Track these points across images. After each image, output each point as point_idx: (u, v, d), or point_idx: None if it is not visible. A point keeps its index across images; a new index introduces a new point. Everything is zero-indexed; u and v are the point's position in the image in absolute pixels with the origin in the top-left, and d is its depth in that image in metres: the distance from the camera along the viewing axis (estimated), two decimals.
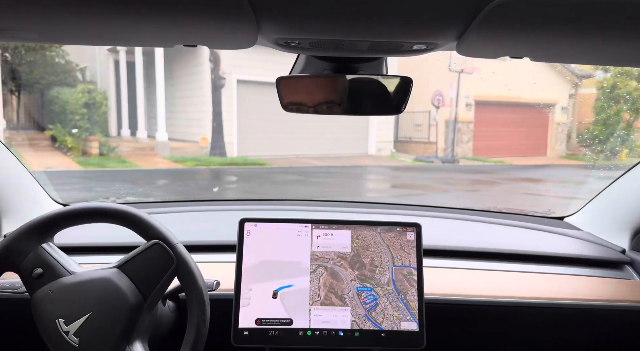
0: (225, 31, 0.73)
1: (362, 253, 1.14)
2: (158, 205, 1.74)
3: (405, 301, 1.11)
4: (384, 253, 1.14)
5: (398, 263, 1.14)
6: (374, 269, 1.13)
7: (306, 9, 0.64)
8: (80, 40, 0.89)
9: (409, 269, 1.13)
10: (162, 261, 0.94)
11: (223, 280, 1.08)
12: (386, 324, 1.10)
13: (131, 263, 0.95)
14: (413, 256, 1.14)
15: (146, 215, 0.97)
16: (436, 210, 1.74)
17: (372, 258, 1.14)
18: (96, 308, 0.91)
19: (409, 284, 1.12)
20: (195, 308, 0.94)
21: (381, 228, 1.15)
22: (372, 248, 1.14)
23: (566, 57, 0.87)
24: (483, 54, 0.85)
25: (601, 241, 1.49)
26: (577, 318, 1.24)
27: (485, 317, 1.24)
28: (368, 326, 1.10)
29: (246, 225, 1.15)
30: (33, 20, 0.70)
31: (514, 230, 1.59)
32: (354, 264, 1.13)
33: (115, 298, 0.92)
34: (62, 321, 0.90)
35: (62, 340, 0.90)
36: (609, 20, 0.64)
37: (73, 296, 0.92)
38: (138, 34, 0.77)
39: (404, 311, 1.11)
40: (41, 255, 0.95)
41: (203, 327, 0.94)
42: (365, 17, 0.67)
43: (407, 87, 0.97)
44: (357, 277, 1.13)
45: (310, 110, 1.01)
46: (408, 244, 1.15)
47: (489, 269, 1.33)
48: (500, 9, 0.60)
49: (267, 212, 1.65)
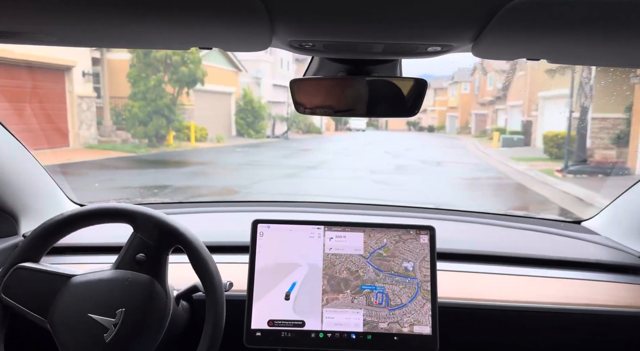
0: (240, 34, 0.73)
1: (388, 256, 1.13)
2: (171, 206, 1.76)
3: (419, 313, 1.11)
4: (410, 260, 1.13)
5: (422, 274, 1.13)
6: (393, 275, 1.12)
7: (321, 11, 0.64)
8: (97, 43, 0.90)
9: (423, 272, 1.12)
10: None
11: (236, 281, 1.08)
12: (399, 327, 1.09)
13: (148, 263, 0.96)
14: (427, 259, 1.13)
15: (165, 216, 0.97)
16: (450, 213, 1.72)
17: (397, 262, 1.13)
18: (127, 305, 0.93)
19: (427, 298, 1.11)
20: (213, 308, 0.95)
21: (394, 231, 1.15)
22: (398, 252, 1.14)
23: (585, 59, 0.86)
24: (499, 56, 0.84)
25: (619, 245, 1.46)
26: (593, 324, 1.22)
27: (499, 322, 1.22)
28: (380, 329, 1.09)
29: (259, 226, 1.15)
30: (52, 23, 0.71)
31: (529, 234, 1.57)
32: (376, 265, 1.13)
33: (146, 295, 0.95)
34: (96, 316, 0.92)
35: (96, 333, 0.91)
36: (628, 21, 0.62)
37: (98, 294, 0.94)
38: (154, 36, 0.78)
39: (417, 314, 1.10)
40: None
41: (220, 327, 0.94)
42: (380, 20, 0.66)
43: (422, 89, 0.96)
44: (377, 277, 1.12)
45: (324, 112, 1.01)
46: (422, 248, 1.14)
47: (503, 273, 1.31)
48: (517, 11, 0.60)
49: (280, 214, 1.66)
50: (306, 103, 0.98)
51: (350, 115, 1.00)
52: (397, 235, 1.14)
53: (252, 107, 17.64)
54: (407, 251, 1.14)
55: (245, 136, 17.54)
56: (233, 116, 17.84)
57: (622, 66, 0.93)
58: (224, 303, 0.96)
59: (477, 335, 1.25)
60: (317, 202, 1.83)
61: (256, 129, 17.83)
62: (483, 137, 22.34)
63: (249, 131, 17.63)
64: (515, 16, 0.61)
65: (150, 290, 0.95)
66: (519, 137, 16.47)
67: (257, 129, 17.98)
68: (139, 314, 0.93)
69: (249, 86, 18.61)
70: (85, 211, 0.98)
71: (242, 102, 18.03)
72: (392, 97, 0.98)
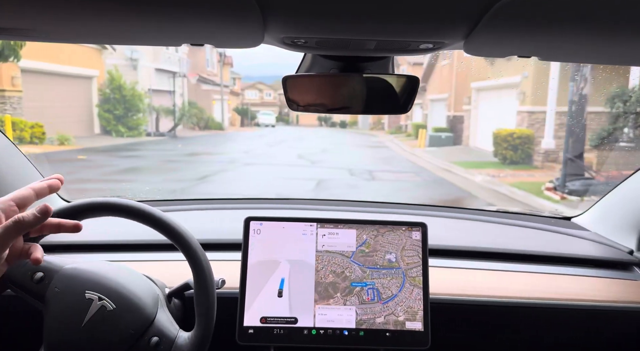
0: (232, 30, 0.73)
1: (370, 251, 1.14)
2: (163, 203, 1.75)
3: (410, 300, 1.11)
4: (392, 252, 1.14)
5: (405, 263, 1.13)
6: (380, 267, 1.13)
7: (313, 8, 0.64)
8: (87, 39, 0.89)
9: (416, 269, 1.13)
10: None
11: (228, 279, 1.08)
12: (389, 322, 1.10)
13: None
14: (419, 255, 1.14)
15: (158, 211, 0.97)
16: (442, 210, 1.73)
17: (380, 256, 1.14)
18: (120, 287, 0.93)
19: (414, 284, 1.12)
20: (204, 305, 0.94)
21: (387, 228, 1.15)
22: (379, 246, 1.14)
23: (576, 57, 0.86)
24: (491, 53, 0.84)
25: (608, 241, 1.48)
26: (583, 319, 1.24)
27: (490, 317, 1.23)
28: (373, 325, 1.10)
29: (252, 224, 1.15)
30: (42, 19, 0.70)
31: (520, 230, 1.59)
32: (361, 262, 1.13)
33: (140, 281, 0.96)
34: (91, 291, 0.91)
35: (92, 307, 0.90)
36: (621, 18, 0.63)
37: (95, 276, 0.94)
38: (145, 33, 0.77)
39: (408, 310, 1.11)
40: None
41: (210, 324, 0.94)
42: (372, 17, 0.66)
43: (414, 86, 0.97)
44: (364, 274, 1.12)
45: (316, 109, 1.01)
46: (414, 244, 1.14)
47: (495, 270, 1.32)
48: (508, 8, 0.60)
49: (273, 211, 1.66)
50: (299, 100, 0.98)
51: (344, 112, 1.00)
52: (375, 229, 1.15)
53: (121, 95, 13.51)
54: (387, 243, 1.14)
55: (114, 134, 13.47)
56: (95, 108, 13.56)
57: (613, 63, 0.94)
58: (215, 300, 0.95)
59: (468, 331, 1.26)
60: (310, 199, 1.83)
61: (129, 125, 13.88)
62: (399, 133, 20.13)
63: (117, 127, 13.61)
64: (506, 13, 0.62)
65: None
66: (447, 135, 14.66)
67: (131, 125, 13.91)
68: (126, 299, 0.92)
69: (118, 69, 13.94)
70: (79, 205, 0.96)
71: (108, 89, 13.73)
72: (385, 94, 0.98)
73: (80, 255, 1.31)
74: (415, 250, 1.14)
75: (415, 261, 1.13)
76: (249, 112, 30.99)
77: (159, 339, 0.91)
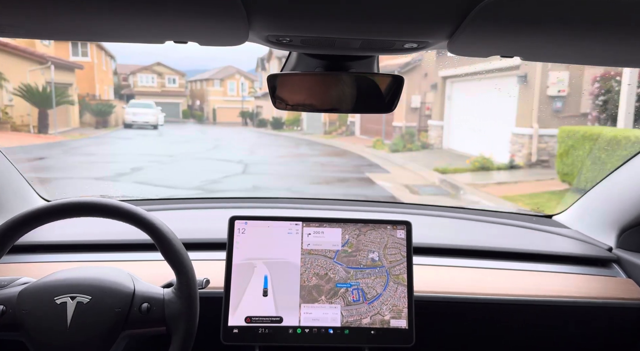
0: (216, 28, 0.72)
1: (353, 251, 1.14)
2: (146, 203, 1.73)
3: (394, 298, 1.12)
4: (374, 250, 1.14)
5: (388, 261, 1.14)
6: (364, 267, 1.13)
7: (298, 6, 0.64)
8: (69, 36, 0.88)
9: (399, 266, 1.14)
10: None
11: (213, 278, 1.07)
12: (376, 321, 1.10)
13: None
14: (403, 253, 1.15)
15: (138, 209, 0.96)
16: (426, 208, 1.74)
17: (363, 255, 1.14)
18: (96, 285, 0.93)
19: (398, 282, 1.13)
20: (186, 304, 0.93)
21: (371, 226, 1.16)
22: (362, 245, 1.14)
23: (557, 57, 0.88)
24: (474, 53, 0.85)
25: (588, 239, 1.51)
26: (564, 315, 1.26)
27: (474, 314, 1.25)
28: (358, 323, 1.10)
29: (236, 223, 1.14)
30: (22, 16, 0.69)
31: (503, 228, 1.61)
32: (344, 262, 1.13)
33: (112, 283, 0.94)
34: (59, 296, 0.90)
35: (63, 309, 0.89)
36: (601, 20, 0.64)
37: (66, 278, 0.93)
38: (128, 30, 0.76)
39: (393, 308, 1.11)
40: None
41: (193, 324, 0.93)
42: (357, 16, 0.67)
43: (399, 86, 0.97)
44: (348, 275, 1.13)
45: (301, 108, 1.01)
46: (398, 242, 1.15)
47: (478, 267, 1.34)
48: (491, 8, 0.61)
49: (258, 210, 1.65)
50: (287, 99, 0.98)
51: (327, 111, 1.00)
52: (357, 229, 1.15)
53: None
54: (370, 242, 1.15)
55: None
56: None
57: (595, 64, 0.95)
58: (197, 298, 0.94)
59: (452, 328, 1.28)
60: (295, 198, 1.83)
61: None
62: (353, 136, 15.11)
63: None
64: (489, 14, 0.62)
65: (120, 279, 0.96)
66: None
67: None
68: (96, 287, 0.92)
69: None
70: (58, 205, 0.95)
71: None
72: (369, 93, 0.98)
73: (61, 255, 1.29)
74: (397, 248, 1.15)
75: (398, 259, 1.14)
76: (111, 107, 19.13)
77: (149, 304, 0.93)
